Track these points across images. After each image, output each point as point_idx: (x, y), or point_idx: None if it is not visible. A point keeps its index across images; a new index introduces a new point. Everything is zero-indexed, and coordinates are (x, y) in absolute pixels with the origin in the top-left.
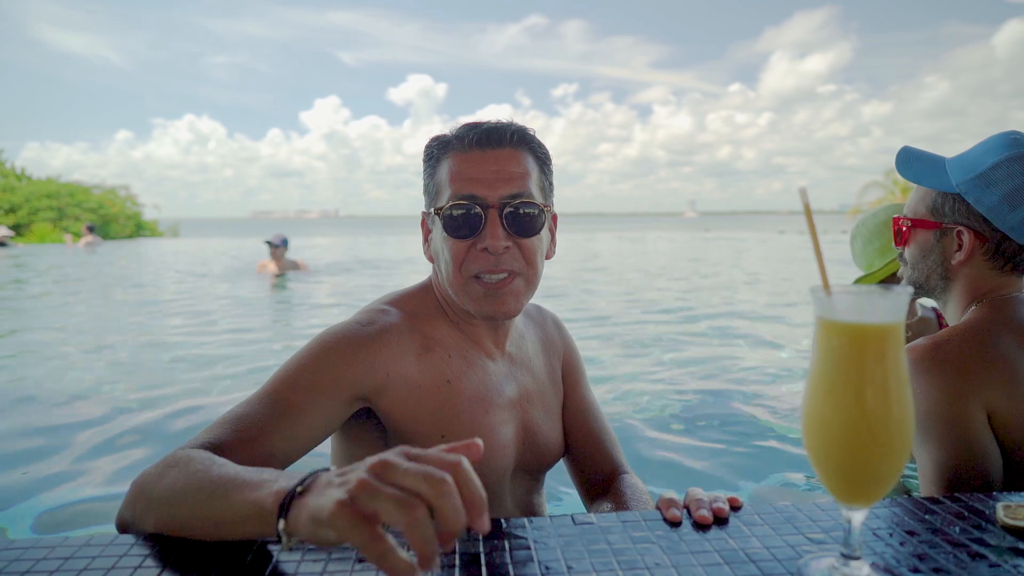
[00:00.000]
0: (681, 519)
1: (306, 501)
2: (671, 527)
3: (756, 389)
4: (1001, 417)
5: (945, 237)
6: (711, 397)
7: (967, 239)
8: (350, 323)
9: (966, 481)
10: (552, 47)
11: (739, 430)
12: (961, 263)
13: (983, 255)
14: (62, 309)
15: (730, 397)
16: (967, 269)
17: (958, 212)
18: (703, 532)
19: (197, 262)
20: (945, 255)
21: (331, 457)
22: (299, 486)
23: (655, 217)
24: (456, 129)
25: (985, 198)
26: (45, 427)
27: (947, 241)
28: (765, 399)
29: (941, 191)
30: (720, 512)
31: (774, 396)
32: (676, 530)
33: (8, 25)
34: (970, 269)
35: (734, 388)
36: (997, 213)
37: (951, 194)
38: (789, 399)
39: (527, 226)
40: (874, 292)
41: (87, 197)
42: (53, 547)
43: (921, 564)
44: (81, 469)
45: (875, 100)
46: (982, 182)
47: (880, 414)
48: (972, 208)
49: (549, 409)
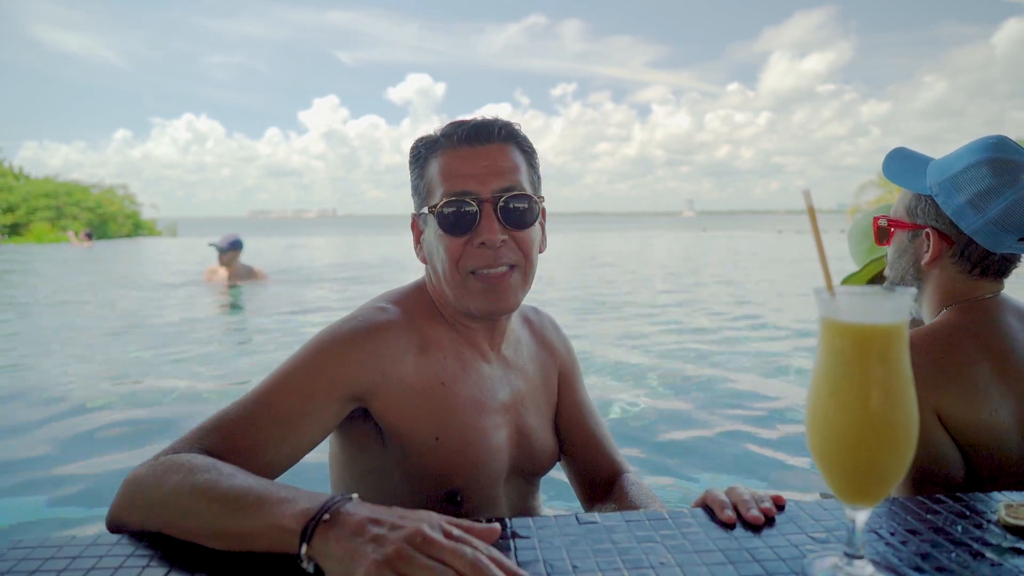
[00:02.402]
0: (735, 520)
1: (335, 537)
2: (726, 529)
3: (759, 389)
4: (953, 420)
5: (917, 238)
6: (714, 397)
7: (933, 240)
8: (346, 321)
9: (928, 480)
10: (550, 47)
11: (742, 430)
12: (929, 264)
13: (950, 258)
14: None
15: (733, 397)
16: (936, 271)
17: (928, 214)
18: (707, 531)
19: (161, 266)
20: (917, 256)
21: (330, 459)
22: (325, 513)
23: (653, 217)
24: (442, 128)
25: (952, 201)
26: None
27: (918, 242)
28: (769, 399)
29: (916, 192)
30: (768, 512)
31: (778, 396)
32: (681, 529)
33: (7, 25)
34: (939, 271)
35: (737, 387)
36: (962, 216)
37: (924, 196)
38: (793, 399)
39: (522, 218)
40: (877, 293)
41: (85, 196)
42: (60, 546)
43: (924, 563)
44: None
45: (873, 100)
46: (951, 185)
47: (884, 414)
48: (941, 210)
49: (543, 414)
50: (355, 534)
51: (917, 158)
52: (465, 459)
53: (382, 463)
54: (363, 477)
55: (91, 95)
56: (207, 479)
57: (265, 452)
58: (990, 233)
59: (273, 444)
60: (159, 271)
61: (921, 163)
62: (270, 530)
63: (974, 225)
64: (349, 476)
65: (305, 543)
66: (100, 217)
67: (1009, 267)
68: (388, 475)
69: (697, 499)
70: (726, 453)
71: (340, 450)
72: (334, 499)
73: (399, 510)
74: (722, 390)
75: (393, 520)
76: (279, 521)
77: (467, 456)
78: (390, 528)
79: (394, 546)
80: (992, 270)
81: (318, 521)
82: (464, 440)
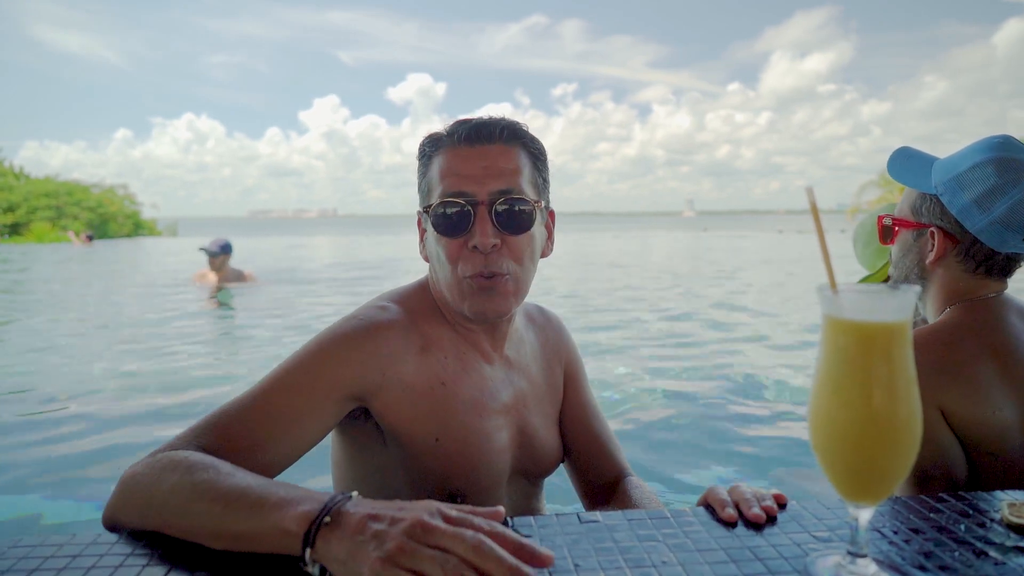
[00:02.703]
0: (737, 519)
1: (337, 538)
2: (728, 527)
3: (761, 387)
4: (957, 419)
5: (921, 237)
6: (716, 395)
7: (938, 239)
8: (347, 320)
9: (931, 479)
10: (551, 47)
11: (744, 428)
12: (934, 263)
13: (955, 257)
14: None
15: (735, 395)
16: (941, 270)
17: (933, 213)
18: (709, 530)
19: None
20: (921, 255)
21: (332, 458)
22: (326, 515)
23: (653, 216)
24: (449, 126)
25: (958, 199)
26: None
27: (923, 241)
28: (771, 397)
29: (921, 191)
30: (770, 511)
31: (780, 394)
32: (683, 528)
33: (6, 25)
34: (944, 270)
35: (739, 386)
36: (968, 215)
37: (929, 195)
38: (796, 397)
39: (517, 223)
40: (881, 290)
41: (85, 196)
42: (61, 545)
43: (927, 562)
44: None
45: (874, 100)
46: (956, 184)
47: (887, 412)
48: (946, 209)
49: (546, 415)
50: (356, 533)
51: (922, 157)
52: (466, 460)
53: (383, 463)
54: (365, 478)
55: (92, 95)
56: (206, 478)
57: (264, 450)
58: (995, 232)
59: (272, 442)
60: (155, 272)
61: (926, 162)
62: (272, 532)
63: (979, 224)
64: (351, 477)
65: (309, 547)
66: (100, 217)
67: (1014, 266)
68: (390, 475)
69: (699, 498)
70: (728, 451)
71: (341, 450)
72: (335, 499)
73: (399, 502)
74: (724, 388)
75: (393, 514)
76: (281, 524)
77: (468, 457)
78: (390, 523)
79: (395, 542)
80: (996, 269)
81: (320, 524)
82: (464, 441)
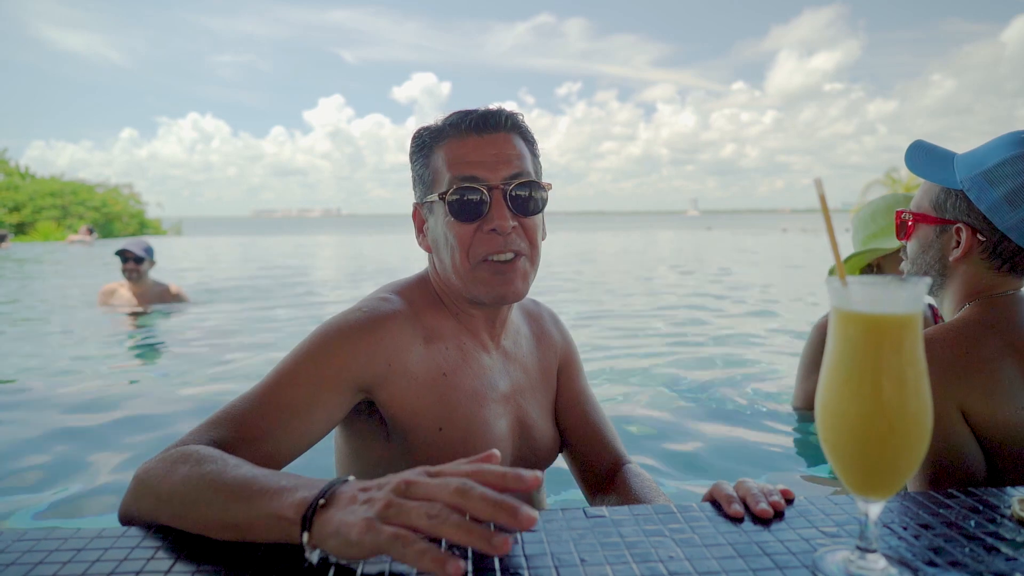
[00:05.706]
0: (743, 514)
1: (330, 516)
2: (734, 523)
3: (768, 380)
4: (978, 417)
5: (945, 233)
6: (721, 388)
7: (965, 236)
8: (351, 312)
9: (947, 476)
10: (555, 45)
11: (751, 422)
12: (958, 260)
13: (980, 253)
14: None
15: (742, 388)
16: (964, 266)
17: (959, 209)
18: (716, 525)
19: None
20: (944, 251)
21: (335, 453)
22: (321, 498)
23: (657, 215)
24: (447, 117)
25: (986, 196)
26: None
27: (946, 237)
28: (778, 390)
29: (945, 187)
30: (777, 506)
31: (787, 388)
32: (689, 523)
33: (9, 24)
34: (967, 267)
35: (745, 379)
36: (997, 212)
37: (954, 190)
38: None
39: (530, 205)
40: (891, 282)
41: (90, 195)
42: (65, 539)
43: (937, 557)
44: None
45: (880, 98)
46: (985, 180)
47: (897, 405)
48: (973, 205)
49: (542, 405)
50: (349, 504)
51: (940, 151)
52: (468, 449)
53: (387, 456)
54: (369, 471)
55: (97, 95)
56: (213, 469)
57: (273, 442)
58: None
59: (281, 434)
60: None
61: (945, 157)
62: (271, 520)
63: (1009, 221)
64: (355, 473)
65: (306, 531)
66: (105, 216)
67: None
68: (394, 468)
69: (705, 493)
70: (734, 447)
71: (345, 444)
72: (332, 484)
73: (390, 475)
74: (730, 382)
75: (381, 481)
76: (279, 511)
77: (470, 446)
78: (378, 488)
79: (382, 501)
80: (1021, 266)
81: (315, 508)
82: (467, 431)
